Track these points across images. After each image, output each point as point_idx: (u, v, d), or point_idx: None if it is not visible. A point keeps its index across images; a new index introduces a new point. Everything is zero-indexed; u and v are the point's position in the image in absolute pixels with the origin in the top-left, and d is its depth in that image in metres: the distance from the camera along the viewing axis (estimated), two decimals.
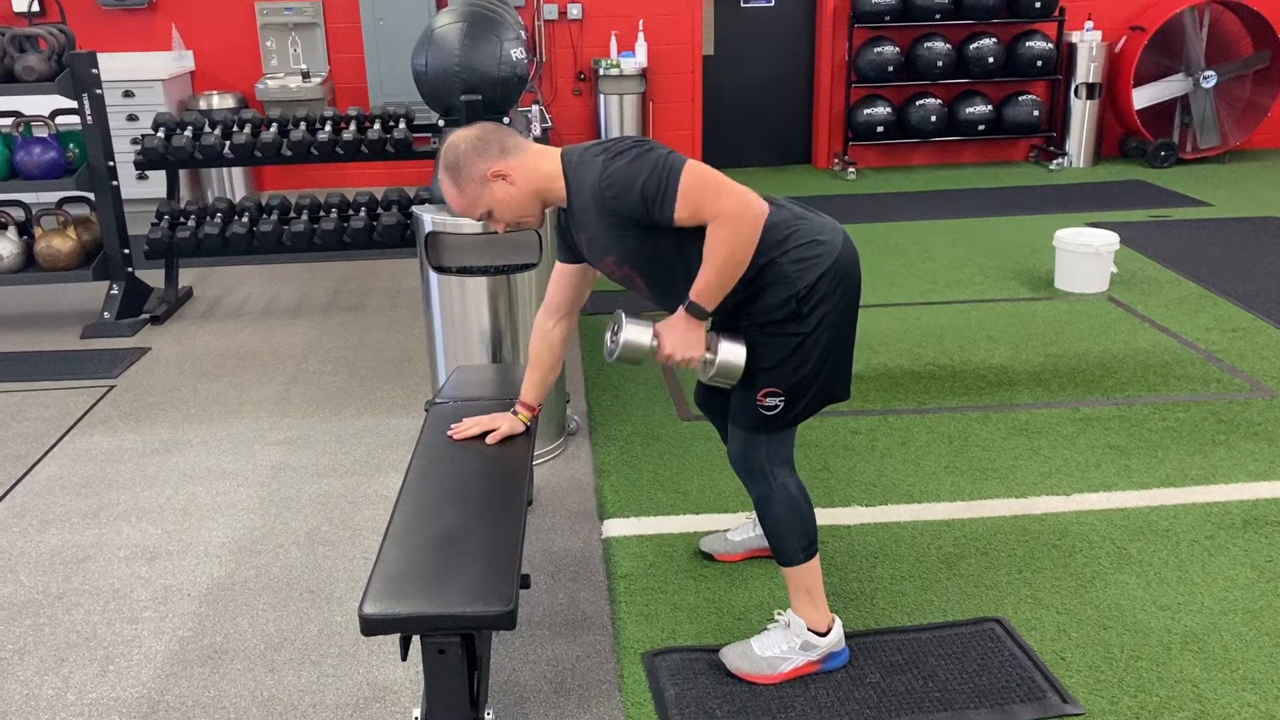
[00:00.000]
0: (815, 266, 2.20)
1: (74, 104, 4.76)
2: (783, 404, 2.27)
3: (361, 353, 4.58)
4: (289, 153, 4.89)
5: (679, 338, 2.22)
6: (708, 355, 2.25)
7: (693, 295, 2.19)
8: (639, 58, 7.43)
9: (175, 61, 7.28)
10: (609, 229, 2.20)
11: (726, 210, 2.09)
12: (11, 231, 4.94)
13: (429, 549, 2.08)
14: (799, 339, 2.22)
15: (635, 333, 2.26)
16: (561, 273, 2.46)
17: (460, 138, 2.25)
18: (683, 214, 2.10)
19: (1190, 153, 7.79)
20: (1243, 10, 7.49)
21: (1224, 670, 2.43)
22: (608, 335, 2.32)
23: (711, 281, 2.16)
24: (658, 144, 2.17)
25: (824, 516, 3.10)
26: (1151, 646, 2.52)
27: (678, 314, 2.22)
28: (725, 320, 2.43)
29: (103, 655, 2.61)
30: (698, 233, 2.14)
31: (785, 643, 2.41)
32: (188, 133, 4.90)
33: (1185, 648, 2.51)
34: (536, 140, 4.11)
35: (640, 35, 7.46)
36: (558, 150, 2.27)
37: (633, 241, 2.20)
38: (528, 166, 2.23)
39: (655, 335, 2.25)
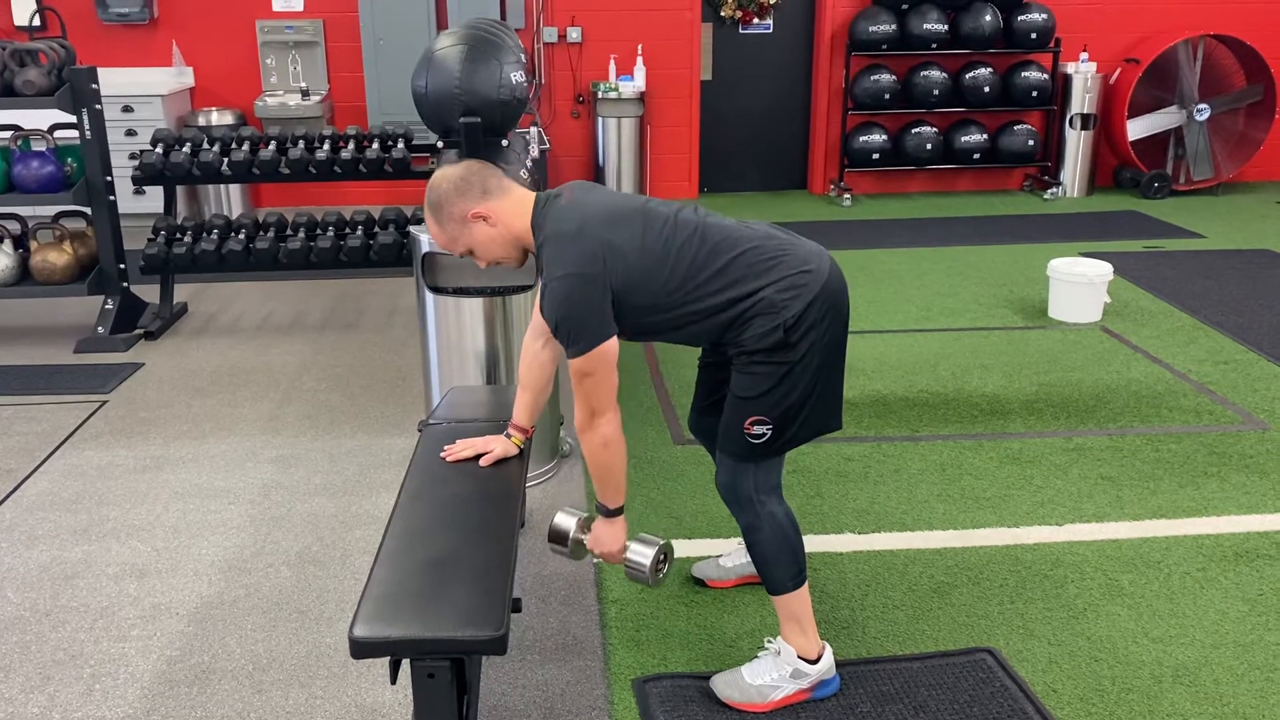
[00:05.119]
0: (803, 295, 2.20)
1: (73, 119, 4.77)
2: (770, 432, 2.26)
3: (356, 371, 4.57)
4: (287, 170, 4.90)
5: (597, 537, 2.41)
6: (625, 553, 2.41)
7: (597, 497, 2.37)
8: (637, 81, 7.47)
9: (175, 78, 7.30)
10: None
11: (584, 430, 2.25)
12: (7, 245, 4.94)
13: (420, 571, 2.07)
14: (787, 367, 2.22)
15: (561, 521, 2.47)
16: None
17: (444, 176, 2.28)
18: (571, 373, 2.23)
19: (1184, 184, 7.84)
20: (1236, 44, 7.56)
21: (1214, 704, 2.43)
22: None
23: (597, 487, 2.35)
24: (591, 291, 2.14)
25: (816, 543, 3.10)
26: (1143, 679, 2.52)
27: (598, 518, 2.41)
28: (713, 348, 2.44)
29: (89, 674, 2.59)
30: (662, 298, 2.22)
31: (775, 671, 2.41)
32: (186, 149, 4.91)
33: (1176, 681, 2.51)
34: (534, 161, 4.12)
35: (639, 59, 7.50)
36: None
37: None
38: (508, 211, 2.28)
39: (587, 529, 2.46)
